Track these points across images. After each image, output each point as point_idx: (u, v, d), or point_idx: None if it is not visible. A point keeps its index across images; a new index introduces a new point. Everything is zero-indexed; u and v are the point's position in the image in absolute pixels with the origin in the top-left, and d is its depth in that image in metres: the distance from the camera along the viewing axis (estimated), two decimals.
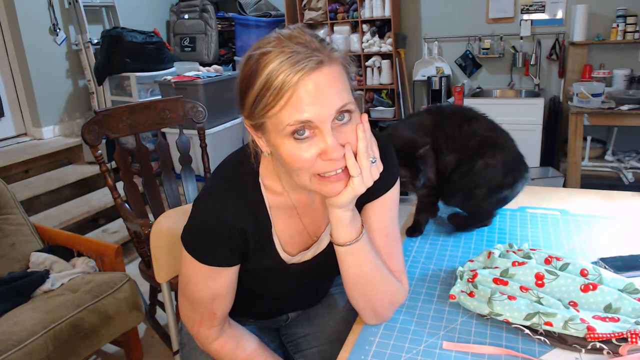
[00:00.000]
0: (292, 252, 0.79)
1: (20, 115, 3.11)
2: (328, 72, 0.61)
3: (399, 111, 3.67)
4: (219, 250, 0.72)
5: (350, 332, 0.81)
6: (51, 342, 1.38)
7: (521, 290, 0.79)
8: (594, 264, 0.93)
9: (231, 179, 0.74)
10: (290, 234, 0.78)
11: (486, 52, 3.36)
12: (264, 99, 0.61)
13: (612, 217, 1.14)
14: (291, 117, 0.60)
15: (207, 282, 0.75)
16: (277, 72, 0.59)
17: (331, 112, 0.61)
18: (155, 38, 3.24)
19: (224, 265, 0.74)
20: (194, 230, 0.73)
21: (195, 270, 0.74)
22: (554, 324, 0.72)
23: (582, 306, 0.77)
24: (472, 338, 0.76)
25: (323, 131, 0.61)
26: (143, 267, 1.73)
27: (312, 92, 0.59)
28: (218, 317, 0.79)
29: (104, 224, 2.73)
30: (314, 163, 0.63)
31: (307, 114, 0.59)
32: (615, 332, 0.69)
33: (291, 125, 0.60)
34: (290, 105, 0.60)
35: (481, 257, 0.91)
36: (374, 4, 3.40)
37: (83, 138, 1.57)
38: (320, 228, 0.81)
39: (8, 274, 1.64)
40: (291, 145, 0.62)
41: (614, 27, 2.96)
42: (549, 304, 0.76)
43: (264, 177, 0.75)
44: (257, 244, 0.75)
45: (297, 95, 0.59)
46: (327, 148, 0.61)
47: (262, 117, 0.62)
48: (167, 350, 1.86)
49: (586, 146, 2.94)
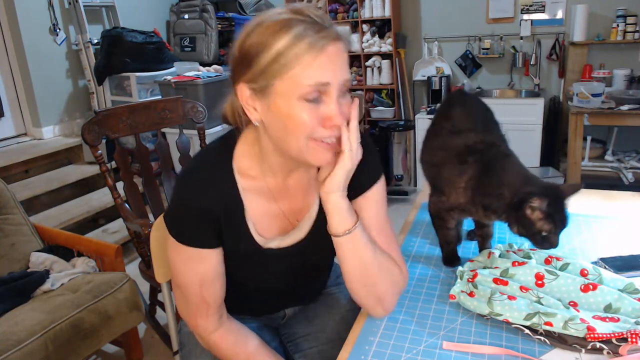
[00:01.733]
0: (268, 236, 0.80)
1: (20, 115, 3.11)
2: (341, 45, 0.67)
3: (399, 111, 3.67)
4: (195, 230, 0.75)
5: (351, 331, 0.81)
6: (51, 342, 1.38)
7: (521, 290, 0.79)
8: (594, 264, 0.93)
9: (204, 162, 0.78)
10: (266, 219, 0.79)
11: (486, 52, 3.36)
12: (283, 61, 0.64)
13: (612, 217, 1.14)
14: (311, 78, 0.64)
15: (192, 266, 0.77)
16: (303, 35, 0.63)
17: (342, 81, 0.66)
18: (155, 38, 3.24)
19: (204, 247, 0.76)
20: (171, 212, 0.78)
21: (179, 253, 0.77)
22: (554, 323, 0.72)
23: (582, 306, 0.77)
24: (472, 338, 0.76)
25: (332, 97, 0.66)
26: (143, 267, 1.73)
27: (332, 59, 0.65)
28: (211, 305, 0.80)
29: (104, 224, 2.73)
30: (314, 127, 0.66)
31: (326, 77, 0.64)
32: (615, 332, 0.69)
33: (310, 86, 0.64)
34: (311, 68, 0.64)
35: (481, 257, 0.91)
36: (374, 4, 3.40)
37: (83, 138, 1.57)
38: (299, 215, 0.82)
39: (8, 274, 1.64)
40: (299, 108, 0.65)
41: (614, 27, 2.96)
42: (549, 304, 0.76)
43: (238, 161, 0.77)
44: (230, 226, 0.77)
45: (320, 59, 0.64)
46: (333, 114, 0.66)
47: (275, 78, 0.65)
48: (167, 350, 1.86)
49: (586, 146, 2.94)
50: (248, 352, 0.83)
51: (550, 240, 0.81)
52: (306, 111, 0.65)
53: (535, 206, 0.78)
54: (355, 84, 3.70)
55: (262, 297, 0.92)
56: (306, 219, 0.82)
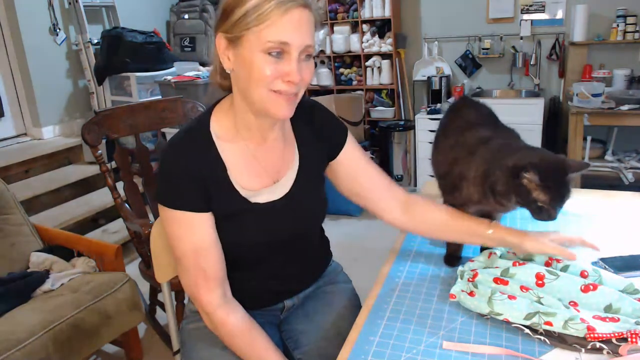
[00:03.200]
0: (253, 189, 0.85)
1: (20, 115, 3.11)
2: (307, 14, 0.75)
3: (399, 111, 3.67)
4: (184, 193, 0.80)
5: (351, 331, 0.81)
6: (51, 342, 1.38)
7: (521, 290, 0.79)
8: (594, 264, 0.93)
9: (184, 131, 0.84)
10: (249, 176, 0.85)
11: (486, 52, 3.36)
12: (255, 14, 0.72)
13: (612, 217, 1.14)
14: (274, 36, 0.72)
15: (185, 234, 0.81)
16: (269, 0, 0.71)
17: (303, 44, 0.74)
18: (155, 38, 3.24)
19: (192, 209, 0.80)
20: (160, 180, 0.83)
21: (172, 221, 0.82)
22: (554, 323, 0.72)
23: (582, 306, 0.77)
24: (472, 338, 0.76)
25: (291, 57, 0.74)
26: (143, 267, 1.73)
27: (295, 22, 0.73)
28: (210, 277, 0.82)
29: (104, 224, 2.73)
30: (273, 80, 0.75)
31: (287, 37, 0.73)
32: (615, 332, 0.69)
33: (271, 42, 0.73)
34: (276, 26, 0.72)
35: (482, 257, 0.91)
36: (374, 4, 3.40)
37: (83, 138, 1.57)
38: (280, 170, 0.88)
39: (8, 274, 1.64)
40: (262, 59, 0.74)
41: (614, 27, 2.96)
42: (549, 304, 0.76)
43: (215, 125, 0.84)
44: (217, 188, 0.82)
45: (284, 20, 0.72)
46: (291, 71, 0.74)
47: (245, 30, 0.73)
48: (167, 350, 1.86)
49: (586, 146, 2.94)
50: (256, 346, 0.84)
51: (549, 212, 0.79)
52: (267, 64, 0.74)
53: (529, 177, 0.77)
54: (356, 84, 3.70)
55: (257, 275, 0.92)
56: (289, 173, 0.89)
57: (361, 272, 1.29)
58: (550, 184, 0.78)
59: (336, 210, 2.93)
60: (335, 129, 0.95)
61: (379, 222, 1.02)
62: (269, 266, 0.92)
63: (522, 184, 0.79)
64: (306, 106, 0.91)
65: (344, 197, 0.97)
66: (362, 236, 2.81)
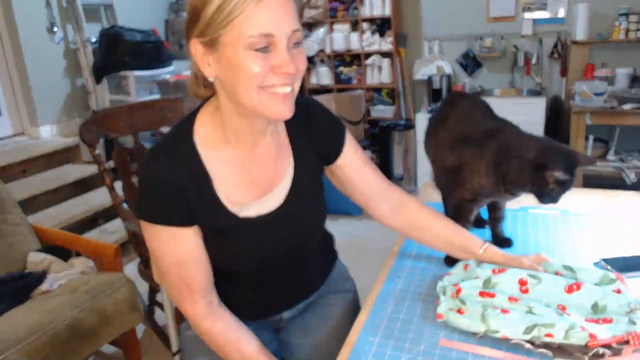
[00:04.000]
0: (241, 202, 0.78)
1: (17, 114, 3.10)
2: None
3: (399, 110, 3.65)
4: (162, 207, 0.74)
5: (350, 331, 0.80)
6: (50, 342, 1.37)
7: (510, 302, 0.76)
8: (595, 264, 0.93)
9: (165, 140, 0.77)
10: (237, 188, 0.78)
11: (487, 51, 3.35)
12: (228, 8, 0.64)
13: (614, 217, 1.12)
14: (254, 29, 0.64)
15: (168, 248, 0.76)
16: None
17: (289, 30, 0.66)
18: (154, 37, 3.23)
19: (173, 224, 0.74)
20: (140, 194, 0.76)
21: (153, 235, 0.76)
22: (554, 334, 0.70)
23: (570, 308, 0.76)
24: (473, 339, 0.75)
25: (279, 47, 0.66)
26: (142, 268, 1.72)
27: (275, 8, 0.65)
28: (194, 289, 0.78)
29: (102, 224, 2.72)
30: (265, 76, 0.67)
31: (269, 27, 0.64)
32: (616, 336, 0.68)
33: (254, 37, 0.64)
34: (254, 17, 0.64)
35: (457, 270, 0.87)
36: (374, 2, 3.39)
37: (81, 138, 1.56)
38: (273, 181, 0.81)
39: (6, 274, 1.63)
40: (247, 57, 0.65)
41: (616, 25, 2.95)
42: (542, 313, 0.73)
43: (199, 132, 0.76)
44: (201, 201, 0.75)
45: (261, 8, 0.64)
46: (283, 62, 0.66)
47: (222, 28, 0.65)
48: (165, 351, 1.85)
49: (588, 145, 2.93)
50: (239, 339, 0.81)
51: (556, 198, 0.87)
52: (254, 60, 0.65)
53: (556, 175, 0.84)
54: (355, 82, 3.69)
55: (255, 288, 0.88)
56: (282, 182, 0.82)
57: (361, 272, 1.28)
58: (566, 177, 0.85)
59: (336, 210, 2.92)
60: (333, 131, 0.88)
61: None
62: (265, 279, 0.87)
63: (544, 178, 0.85)
64: (301, 105, 0.81)
65: (344, 197, 0.95)
66: (362, 236, 2.80)
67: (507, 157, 0.88)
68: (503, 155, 0.89)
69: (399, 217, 0.94)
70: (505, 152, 0.89)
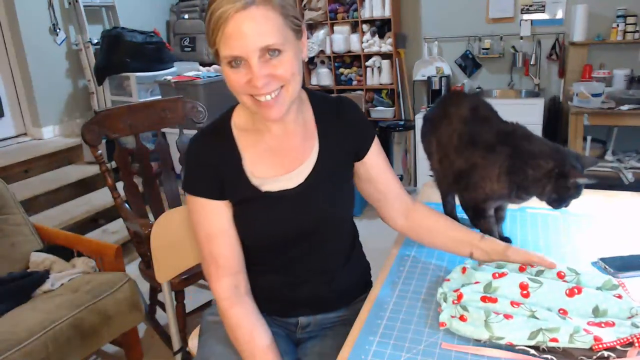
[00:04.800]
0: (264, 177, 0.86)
1: (20, 115, 3.11)
2: (256, 12, 0.71)
3: (399, 111, 3.67)
4: (198, 180, 0.86)
5: (350, 331, 0.81)
6: (51, 342, 1.38)
7: (512, 306, 0.76)
8: (593, 264, 0.94)
9: (209, 124, 0.91)
10: (261, 165, 0.87)
11: (486, 52, 3.36)
12: (210, 29, 0.73)
13: (612, 217, 1.14)
14: (224, 50, 0.73)
15: (200, 219, 0.86)
16: (216, 8, 0.71)
17: (254, 49, 0.72)
18: (155, 38, 3.24)
19: (207, 196, 0.85)
20: (183, 168, 0.90)
21: (191, 206, 0.87)
22: (559, 339, 0.70)
23: (571, 312, 0.76)
24: (472, 341, 0.76)
25: (250, 63, 0.73)
26: (143, 267, 1.73)
27: (240, 30, 0.71)
28: (221, 265, 0.85)
29: (104, 224, 2.73)
30: (243, 87, 0.76)
31: (234, 50, 0.72)
32: (620, 339, 0.69)
33: (226, 58, 0.74)
34: (224, 39, 0.72)
35: (456, 274, 0.87)
36: (374, 4, 3.40)
37: (83, 138, 1.57)
38: (295, 161, 0.88)
39: (8, 274, 1.64)
40: (228, 71, 0.75)
41: (614, 27, 2.96)
42: (545, 317, 0.74)
43: (236, 117, 0.88)
44: (230, 176, 0.85)
45: (228, 31, 0.71)
46: (252, 78, 0.74)
47: (211, 46, 0.76)
48: (167, 350, 1.86)
49: (586, 146, 2.94)
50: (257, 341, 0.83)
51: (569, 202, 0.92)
52: (233, 74, 0.75)
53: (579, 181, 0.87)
54: (355, 84, 3.70)
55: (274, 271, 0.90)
56: (306, 163, 0.88)
57: None
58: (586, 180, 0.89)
59: None
60: (364, 128, 0.94)
61: (379, 222, 1.02)
62: (281, 263, 0.90)
63: (566, 185, 0.88)
64: (332, 100, 0.93)
65: None
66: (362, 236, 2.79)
67: (523, 166, 0.89)
68: (518, 164, 0.90)
69: (408, 221, 0.98)
70: (520, 161, 0.90)
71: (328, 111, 0.92)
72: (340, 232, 0.96)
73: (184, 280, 1.57)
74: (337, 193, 0.91)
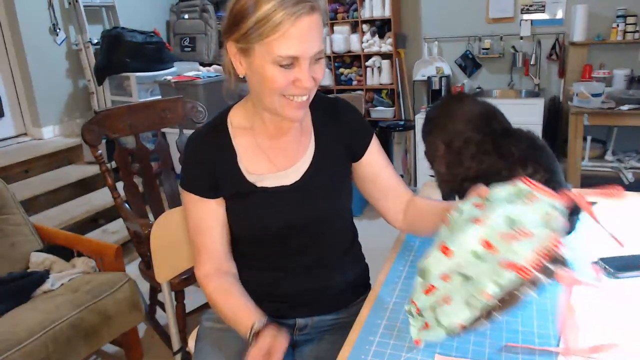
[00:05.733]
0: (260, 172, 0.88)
1: (20, 115, 3.11)
2: (316, 18, 0.75)
3: (399, 111, 3.67)
4: (194, 178, 0.89)
5: (350, 331, 0.80)
6: (51, 342, 1.38)
7: (444, 281, 0.69)
8: (593, 264, 0.94)
9: (206, 123, 0.94)
10: (256, 163, 0.89)
11: (486, 52, 3.36)
12: (262, 29, 0.73)
13: (612, 216, 1.13)
14: (283, 50, 0.73)
15: (191, 212, 0.90)
16: (280, 6, 0.72)
17: (313, 53, 0.76)
18: (155, 38, 3.24)
19: (200, 194, 0.88)
20: (181, 164, 0.92)
21: (185, 201, 0.91)
22: (490, 292, 0.64)
23: (490, 237, 0.67)
24: (472, 338, 0.76)
25: (303, 66, 0.76)
26: (143, 267, 1.73)
27: (305, 33, 0.73)
28: (204, 252, 0.90)
29: (104, 224, 2.73)
30: (287, 86, 0.77)
31: (296, 51, 0.74)
32: (538, 252, 0.63)
33: (282, 57, 0.74)
34: (285, 39, 0.73)
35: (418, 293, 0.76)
36: (373, 4, 3.40)
37: (83, 138, 1.57)
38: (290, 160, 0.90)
39: (8, 274, 1.64)
40: (273, 70, 0.75)
41: (614, 27, 2.96)
42: (470, 274, 0.67)
43: (232, 116, 0.91)
44: (225, 172, 0.88)
45: (291, 32, 0.72)
46: (303, 78, 0.76)
47: (255, 42, 0.75)
48: (167, 350, 1.86)
49: (586, 146, 2.94)
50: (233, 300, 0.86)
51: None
52: (279, 73, 0.76)
53: None
54: (355, 84, 3.70)
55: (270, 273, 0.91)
56: (302, 161, 0.90)
57: None
58: None
59: None
60: (361, 128, 0.95)
61: (379, 222, 1.02)
62: (278, 258, 0.91)
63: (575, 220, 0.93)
64: (330, 100, 0.96)
65: None
66: (362, 236, 2.79)
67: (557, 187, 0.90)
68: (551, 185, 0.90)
69: (405, 216, 0.97)
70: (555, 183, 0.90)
71: (325, 111, 0.93)
72: (337, 229, 0.96)
73: (183, 280, 1.57)
74: (334, 192, 0.92)
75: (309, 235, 0.91)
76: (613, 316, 0.79)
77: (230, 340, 0.91)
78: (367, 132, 0.96)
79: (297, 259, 0.92)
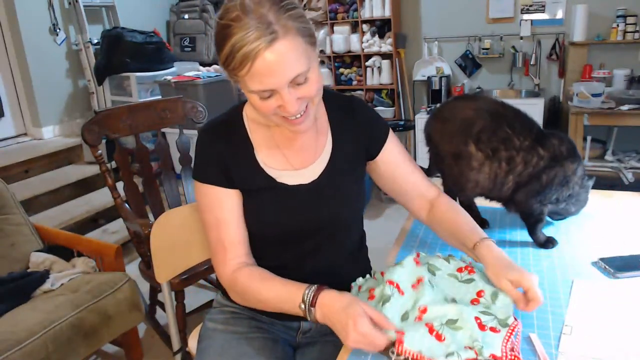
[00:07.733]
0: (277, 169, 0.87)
1: (20, 115, 3.11)
2: (282, 46, 0.70)
3: (399, 111, 3.67)
4: (209, 169, 0.86)
5: None
6: (51, 342, 1.38)
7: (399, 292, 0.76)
8: (593, 264, 0.94)
9: (220, 115, 0.91)
10: (273, 160, 0.87)
11: (486, 52, 3.36)
12: (231, 65, 0.72)
13: (611, 217, 1.14)
14: (253, 85, 0.72)
15: (209, 205, 0.86)
16: (237, 44, 0.69)
17: (285, 82, 0.72)
18: (155, 38, 3.24)
19: (217, 184, 0.85)
20: (194, 156, 0.89)
21: (200, 193, 0.88)
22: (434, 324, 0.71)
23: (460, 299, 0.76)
24: None
25: (281, 94, 0.73)
26: (143, 267, 1.73)
27: (270, 66, 0.70)
28: (227, 248, 0.85)
29: (104, 224, 2.73)
30: (276, 110, 0.76)
31: (265, 85, 0.72)
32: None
33: (255, 92, 0.73)
34: (251, 75, 0.71)
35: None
36: (374, 4, 3.40)
37: (83, 138, 1.57)
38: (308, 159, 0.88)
39: (8, 274, 1.64)
40: (256, 99, 0.75)
41: (614, 27, 2.96)
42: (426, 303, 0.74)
43: (248, 112, 0.89)
44: (242, 165, 0.86)
45: (256, 69, 0.70)
46: (285, 104, 0.74)
47: (232, 77, 0.75)
48: (167, 350, 1.86)
49: (586, 146, 2.94)
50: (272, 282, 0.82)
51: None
52: (261, 102, 0.75)
53: None
54: (355, 84, 3.70)
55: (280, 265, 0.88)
56: (319, 160, 0.89)
57: None
58: None
59: None
60: (377, 127, 0.94)
61: (379, 222, 1.02)
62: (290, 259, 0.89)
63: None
64: (345, 99, 0.94)
65: None
66: None
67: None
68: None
69: (429, 217, 0.96)
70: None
71: (340, 109, 0.92)
72: (349, 230, 0.96)
73: (183, 280, 1.57)
74: (350, 191, 0.92)
75: (322, 235, 0.89)
76: (613, 316, 0.79)
77: (233, 342, 0.90)
78: (383, 129, 0.94)
79: (309, 258, 0.90)
